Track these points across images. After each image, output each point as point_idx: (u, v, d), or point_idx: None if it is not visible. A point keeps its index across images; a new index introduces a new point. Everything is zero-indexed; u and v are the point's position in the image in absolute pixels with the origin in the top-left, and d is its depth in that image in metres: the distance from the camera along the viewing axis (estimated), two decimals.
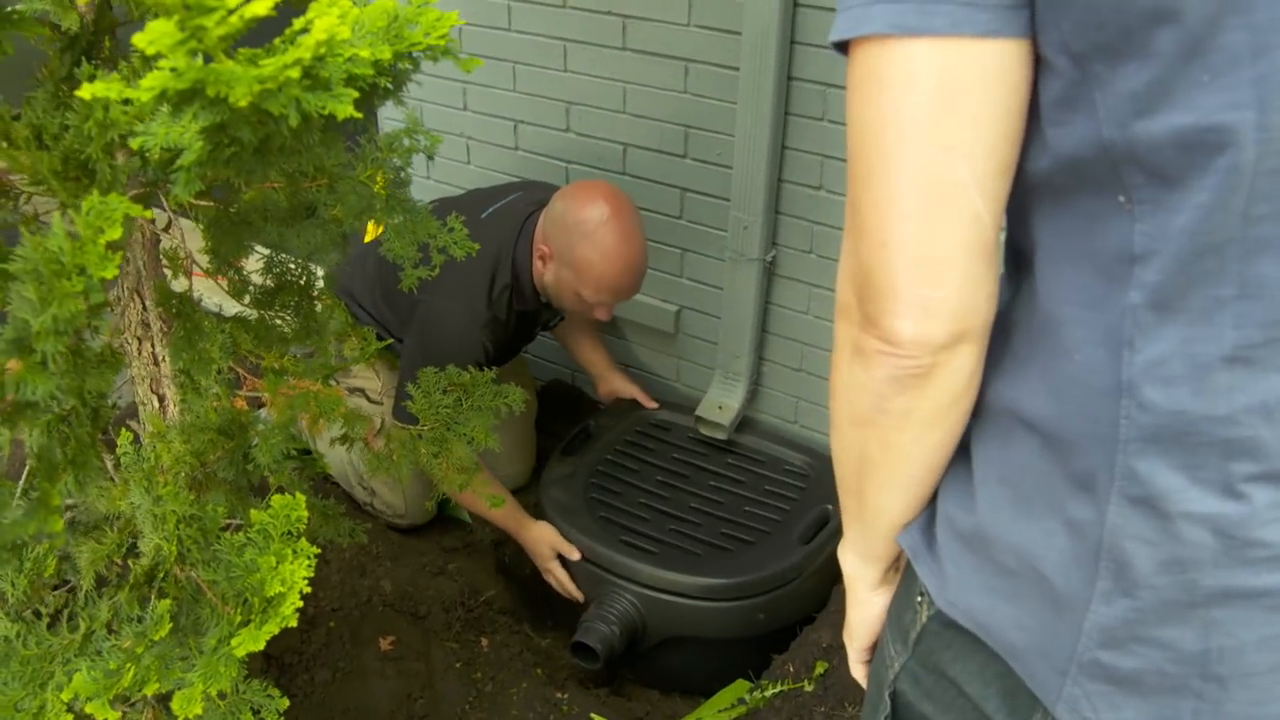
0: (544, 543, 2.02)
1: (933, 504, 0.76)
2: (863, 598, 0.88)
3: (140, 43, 0.54)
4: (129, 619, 0.86)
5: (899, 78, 0.57)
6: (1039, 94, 0.59)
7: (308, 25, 0.57)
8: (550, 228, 1.91)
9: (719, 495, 2.11)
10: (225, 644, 0.77)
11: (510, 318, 1.99)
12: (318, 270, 1.13)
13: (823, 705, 1.70)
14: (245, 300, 1.07)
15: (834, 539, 1.95)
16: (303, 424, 1.23)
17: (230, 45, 0.55)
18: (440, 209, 2.19)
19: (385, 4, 0.69)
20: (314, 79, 0.58)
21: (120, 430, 1.18)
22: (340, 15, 0.58)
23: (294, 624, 0.77)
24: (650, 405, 2.35)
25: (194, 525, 0.84)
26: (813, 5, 1.84)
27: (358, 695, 1.75)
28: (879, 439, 0.70)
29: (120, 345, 1.21)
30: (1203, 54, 0.51)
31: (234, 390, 1.03)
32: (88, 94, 0.57)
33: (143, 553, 0.90)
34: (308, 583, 1.98)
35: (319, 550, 0.82)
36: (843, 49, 0.61)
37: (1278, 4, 0.49)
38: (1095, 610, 0.63)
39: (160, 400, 1.22)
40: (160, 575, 0.86)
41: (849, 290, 0.66)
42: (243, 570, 0.81)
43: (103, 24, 0.83)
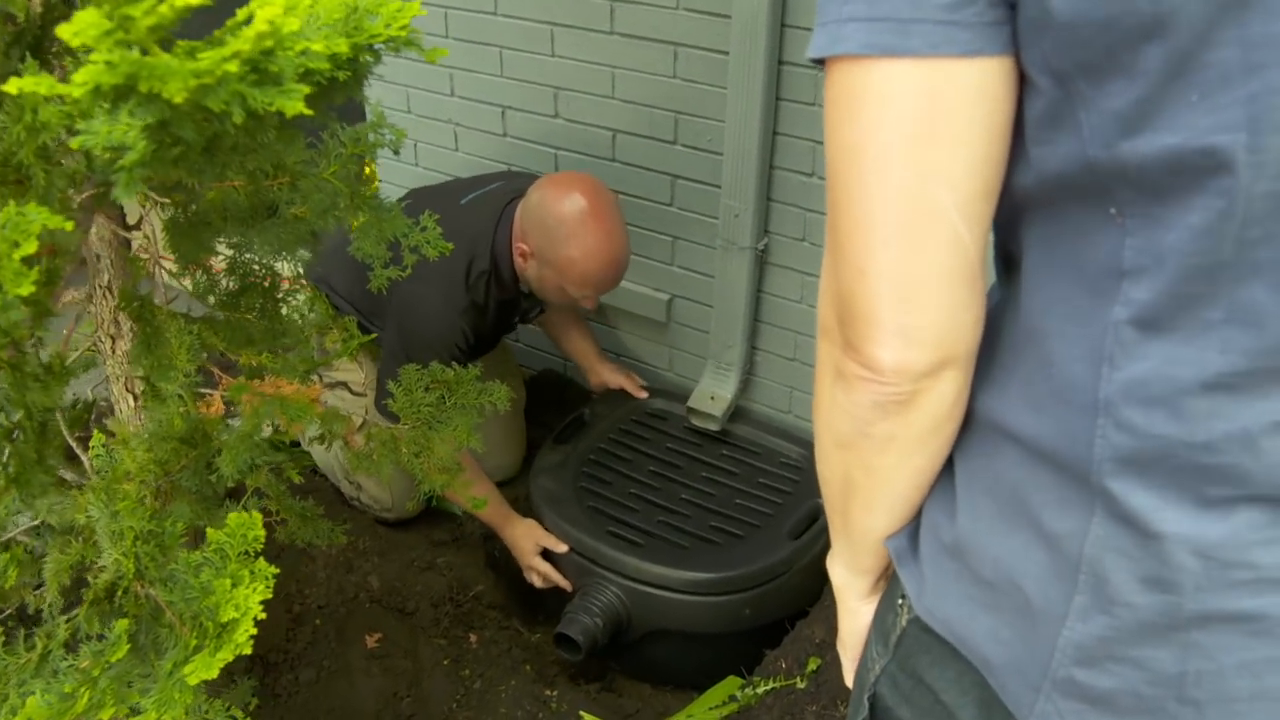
0: (529, 539, 1.98)
1: (921, 510, 0.74)
2: (853, 607, 0.86)
3: (65, 34, 0.50)
4: (88, 637, 0.83)
5: (876, 100, 0.55)
6: (1023, 111, 0.56)
7: (250, 16, 0.53)
8: (528, 225, 1.87)
9: (710, 487, 2.08)
10: (180, 669, 0.73)
11: (489, 304, 1.95)
12: (284, 270, 1.09)
13: (815, 704, 1.67)
14: (211, 302, 1.02)
15: (824, 534, 1.92)
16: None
17: (162, 37, 0.51)
18: (419, 198, 2.16)
19: None
20: (262, 74, 0.54)
21: (98, 429, 1.15)
22: (288, 6, 0.54)
23: (248, 650, 0.73)
24: (640, 395, 2.31)
25: (151, 542, 0.80)
26: None
27: (343, 694, 1.72)
28: (862, 462, 0.69)
29: (94, 343, 1.17)
30: (1191, 71, 0.48)
31: (198, 394, 0.99)
32: (14, 89, 0.53)
33: (104, 566, 0.86)
34: (294, 581, 1.95)
35: (278, 570, 0.79)
36: (822, 63, 0.58)
37: (1273, 17, 0.46)
38: (1071, 626, 0.61)
39: (135, 399, 1.18)
40: (119, 592, 0.82)
41: (830, 311, 0.64)
42: (198, 591, 0.78)
43: (51, 16, 0.79)
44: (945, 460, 0.69)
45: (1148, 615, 0.58)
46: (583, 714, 1.82)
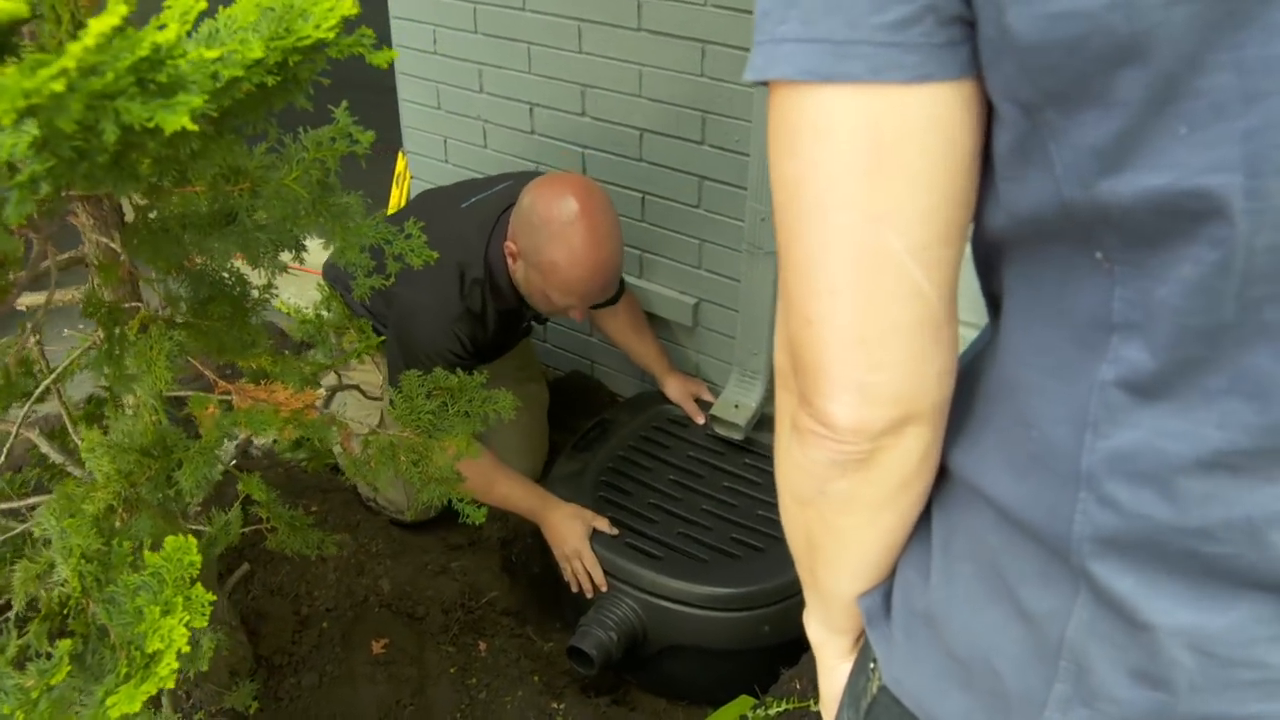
0: (577, 519, 1.88)
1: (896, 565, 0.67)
2: (831, 665, 0.79)
3: None
4: (36, 655, 0.80)
5: (811, 132, 0.48)
6: (992, 141, 0.49)
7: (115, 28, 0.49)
8: (518, 225, 1.80)
9: (733, 498, 2.02)
10: (110, 698, 0.71)
11: (487, 313, 1.89)
12: (252, 280, 1.06)
13: None
14: (181, 310, 1.00)
15: None
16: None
17: None
18: (426, 198, 2.12)
19: None
20: (146, 85, 0.50)
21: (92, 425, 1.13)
22: (182, 13, 0.50)
23: (170, 685, 0.70)
24: (699, 421, 2.19)
25: (94, 562, 0.77)
26: None
27: (344, 701, 1.70)
28: (823, 520, 0.62)
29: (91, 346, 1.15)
30: (1179, 100, 0.40)
31: (168, 407, 0.96)
32: None
33: (58, 583, 0.84)
34: (304, 582, 1.93)
35: (214, 598, 0.75)
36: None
37: (1273, 37, 0.38)
38: (1050, 718, 0.54)
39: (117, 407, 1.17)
40: (69, 610, 0.80)
41: (784, 357, 0.57)
42: (133, 616, 0.75)
43: None
44: (921, 513, 0.63)
45: (1135, 713, 0.51)
46: None
